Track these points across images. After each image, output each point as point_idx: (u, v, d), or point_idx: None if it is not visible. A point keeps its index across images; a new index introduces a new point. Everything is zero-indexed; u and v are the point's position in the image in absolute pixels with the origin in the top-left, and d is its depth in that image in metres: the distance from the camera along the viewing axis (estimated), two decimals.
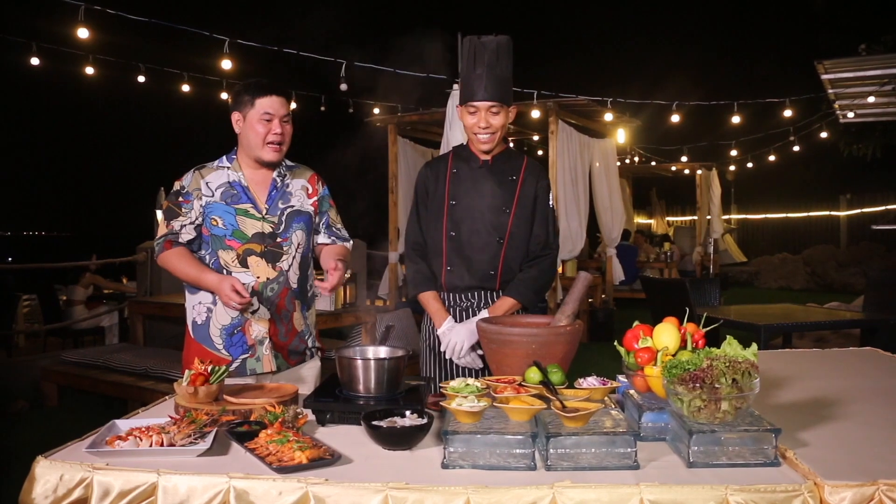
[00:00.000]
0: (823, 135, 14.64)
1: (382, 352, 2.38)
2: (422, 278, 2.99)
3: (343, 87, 8.24)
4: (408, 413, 2.00)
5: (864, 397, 2.41)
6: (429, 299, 2.96)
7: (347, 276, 2.79)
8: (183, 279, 2.78)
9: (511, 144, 3.05)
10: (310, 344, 2.94)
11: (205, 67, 10.03)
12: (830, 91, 8.47)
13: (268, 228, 2.78)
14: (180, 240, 2.76)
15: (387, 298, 9.75)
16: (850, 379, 2.73)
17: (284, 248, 2.79)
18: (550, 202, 2.97)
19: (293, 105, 11.13)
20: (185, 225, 2.76)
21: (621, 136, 11.00)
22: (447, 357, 2.87)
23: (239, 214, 2.75)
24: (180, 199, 2.77)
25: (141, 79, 9.96)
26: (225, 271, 2.74)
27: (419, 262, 3.01)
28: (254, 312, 2.75)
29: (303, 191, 2.90)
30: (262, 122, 2.74)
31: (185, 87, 10.54)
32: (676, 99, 10.47)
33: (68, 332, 8.73)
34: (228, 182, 2.79)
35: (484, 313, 2.86)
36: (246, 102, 2.76)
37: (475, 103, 2.83)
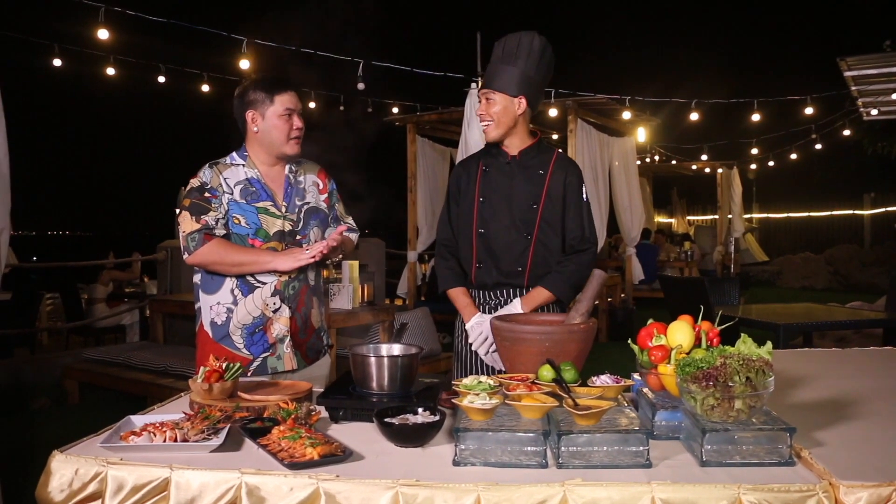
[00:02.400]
0: (846, 133, 14.52)
1: (396, 349, 2.38)
2: (451, 275, 3.00)
3: (361, 86, 8.26)
4: (420, 410, 1.99)
5: (883, 397, 2.37)
6: (458, 295, 2.98)
7: (338, 257, 2.80)
8: (235, 266, 2.69)
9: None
10: (325, 341, 2.96)
11: (224, 67, 10.10)
12: (854, 88, 8.38)
13: (288, 227, 2.79)
14: (215, 234, 2.70)
15: (405, 297, 9.77)
16: (869, 379, 2.69)
17: (303, 246, 2.78)
18: (584, 195, 2.94)
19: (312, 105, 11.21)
20: (218, 219, 2.71)
21: (641, 134, 10.95)
22: (474, 349, 2.89)
23: (260, 213, 2.75)
24: (206, 194, 2.72)
25: (161, 79, 10.04)
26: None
27: (449, 258, 3.03)
28: (276, 311, 2.76)
29: (314, 186, 2.93)
30: (283, 118, 2.76)
31: (205, 87, 10.62)
32: (696, 97, 10.40)
33: (90, 330, 8.84)
34: (247, 179, 2.78)
35: (517, 302, 2.85)
36: (263, 100, 2.76)
37: (478, 93, 2.92)
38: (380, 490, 1.61)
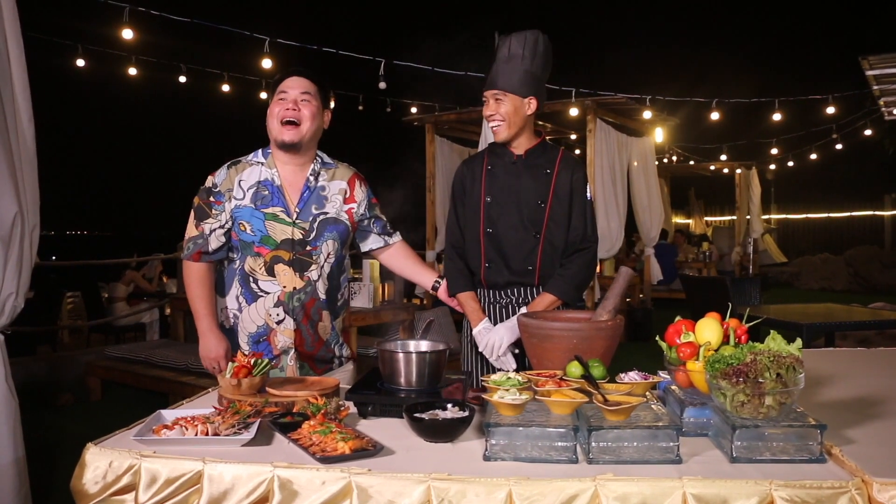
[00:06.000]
0: (867, 132, 14.41)
1: (423, 345, 2.39)
2: (461, 278, 3.00)
3: (382, 85, 8.29)
4: (449, 406, 2.00)
5: None
6: (466, 299, 2.98)
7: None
8: (189, 300, 2.79)
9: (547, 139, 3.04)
10: (337, 353, 2.86)
11: (245, 67, 10.16)
12: (875, 87, 8.30)
13: (298, 235, 2.69)
14: (210, 247, 2.70)
15: (423, 297, 9.78)
16: None
17: (314, 258, 2.70)
18: (588, 194, 2.94)
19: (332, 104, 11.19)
20: (214, 229, 2.69)
21: (659, 134, 10.90)
22: (484, 355, 2.89)
23: (268, 219, 2.66)
24: (211, 198, 2.70)
25: (182, 79, 10.10)
26: (251, 279, 2.69)
27: (457, 261, 3.02)
28: (279, 322, 2.70)
29: (339, 195, 2.79)
30: (277, 101, 2.68)
31: (226, 87, 10.68)
32: (716, 96, 10.35)
33: (110, 328, 8.90)
34: (259, 181, 2.69)
35: (523, 311, 2.86)
36: (272, 92, 2.74)
37: (485, 93, 2.89)
38: (412, 484, 1.62)
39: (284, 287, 2.68)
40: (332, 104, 2.86)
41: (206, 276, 2.75)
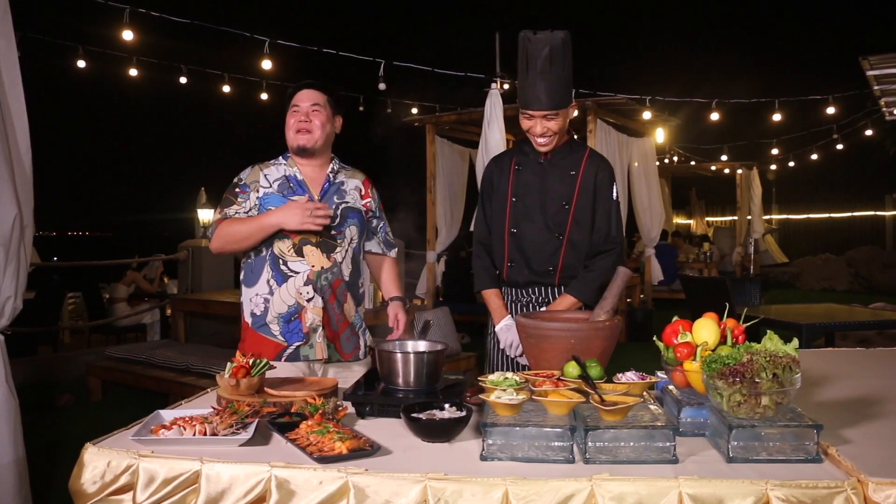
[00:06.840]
0: (868, 133, 14.41)
1: (421, 346, 2.40)
2: (485, 275, 3.04)
3: (382, 86, 8.30)
4: (447, 406, 2.01)
5: None
6: (490, 296, 3.01)
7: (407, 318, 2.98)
8: (243, 238, 2.81)
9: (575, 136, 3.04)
10: (361, 341, 3.00)
11: (245, 68, 10.17)
12: (876, 87, 8.28)
13: None
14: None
15: (424, 297, 9.78)
16: (895, 378, 2.68)
17: (338, 241, 2.87)
18: (614, 195, 2.94)
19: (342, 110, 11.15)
20: (238, 212, 2.86)
21: (660, 135, 10.89)
22: (505, 352, 2.92)
23: None
24: (237, 189, 2.89)
25: (183, 80, 10.11)
26: (280, 261, 2.83)
27: (485, 258, 3.06)
28: (309, 300, 2.82)
29: (356, 191, 3.00)
30: (291, 114, 2.90)
31: (226, 88, 10.70)
32: (717, 97, 10.34)
33: (111, 328, 8.91)
34: (285, 176, 2.90)
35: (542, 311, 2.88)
36: (287, 104, 2.94)
37: (530, 112, 2.82)
38: (408, 484, 1.62)
39: (313, 266, 2.84)
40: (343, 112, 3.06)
41: (235, 219, 2.85)
